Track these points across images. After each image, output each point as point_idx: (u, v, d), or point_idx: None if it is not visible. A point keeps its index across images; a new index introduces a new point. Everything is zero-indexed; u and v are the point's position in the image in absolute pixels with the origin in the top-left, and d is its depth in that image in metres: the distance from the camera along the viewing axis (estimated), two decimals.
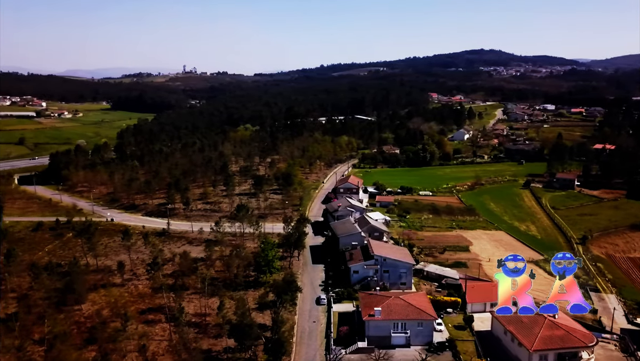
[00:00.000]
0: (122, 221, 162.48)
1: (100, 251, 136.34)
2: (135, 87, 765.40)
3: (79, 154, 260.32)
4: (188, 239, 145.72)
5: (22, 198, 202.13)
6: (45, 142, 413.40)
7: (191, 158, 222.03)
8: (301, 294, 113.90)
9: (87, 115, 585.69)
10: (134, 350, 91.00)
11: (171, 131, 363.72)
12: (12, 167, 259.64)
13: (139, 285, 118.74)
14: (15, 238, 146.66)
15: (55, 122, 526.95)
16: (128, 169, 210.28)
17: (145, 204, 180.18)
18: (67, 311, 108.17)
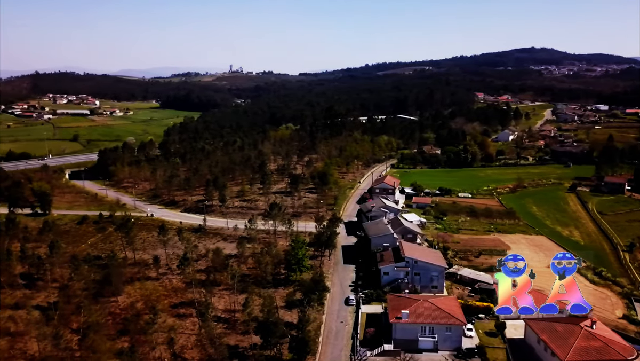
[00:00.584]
0: (161, 217, 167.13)
1: (139, 245, 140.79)
2: (183, 86, 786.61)
3: (125, 151, 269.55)
4: (223, 235, 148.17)
5: (71, 192, 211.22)
6: (97, 139, 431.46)
7: (231, 156, 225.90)
8: (330, 294, 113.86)
9: (137, 113, 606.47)
10: (164, 342, 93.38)
11: (215, 129, 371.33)
12: (64, 163, 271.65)
13: (173, 279, 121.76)
14: (61, 230, 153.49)
15: (107, 120, 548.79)
16: (169, 166, 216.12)
17: (185, 200, 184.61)
18: (104, 302, 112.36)
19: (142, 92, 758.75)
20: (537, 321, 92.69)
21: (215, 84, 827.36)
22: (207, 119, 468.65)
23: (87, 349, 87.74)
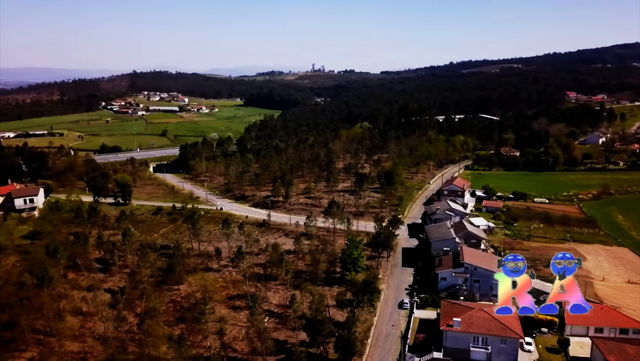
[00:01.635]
0: (230, 210, 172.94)
1: (205, 237, 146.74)
2: (266, 84, 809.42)
3: (204, 146, 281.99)
4: (285, 231, 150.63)
5: (152, 184, 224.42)
6: (184, 134, 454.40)
7: (301, 154, 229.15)
8: (384, 296, 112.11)
9: (222, 110, 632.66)
10: (216, 332, 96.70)
11: (293, 127, 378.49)
12: (149, 156, 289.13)
13: (233, 272, 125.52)
14: (138, 219, 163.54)
15: (194, 117, 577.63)
16: (242, 162, 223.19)
17: (254, 195, 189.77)
18: (168, 290, 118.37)
19: (228, 90, 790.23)
20: (606, 340, 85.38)
21: (297, 82, 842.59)
22: (286, 117, 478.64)
23: (144, 333, 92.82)
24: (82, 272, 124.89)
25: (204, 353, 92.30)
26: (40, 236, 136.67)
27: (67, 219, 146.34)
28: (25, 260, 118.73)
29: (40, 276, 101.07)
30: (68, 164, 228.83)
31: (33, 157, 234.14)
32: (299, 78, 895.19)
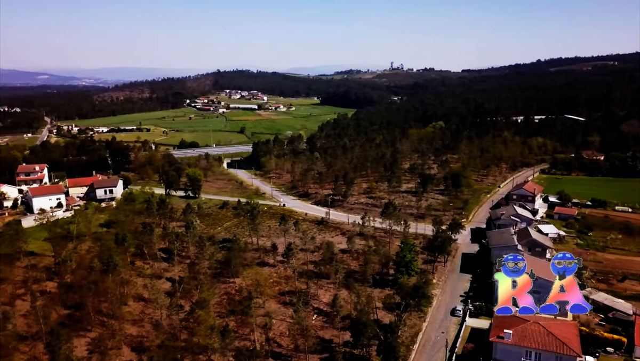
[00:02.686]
0: (292, 207, 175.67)
1: (265, 232, 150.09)
2: (344, 83, 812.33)
3: (275, 144, 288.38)
4: (342, 230, 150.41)
5: (223, 179, 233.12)
6: (260, 132, 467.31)
7: (366, 153, 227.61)
8: (437, 302, 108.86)
9: (298, 109, 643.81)
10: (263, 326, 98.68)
11: (365, 126, 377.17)
12: (224, 152, 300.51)
13: (288, 268, 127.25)
14: (204, 212, 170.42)
15: (271, 115, 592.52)
16: (308, 160, 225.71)
17: (317, 193, 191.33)
18: (223, 282, 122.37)
19: (306, 89, 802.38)
20: None
21: (374, 81, 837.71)
22: (360, 115, 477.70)
23: (193, 322, 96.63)
24: (148, 260, 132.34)
25: (250, 345, 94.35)
26: (114, 225, 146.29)
27: (138, 210, 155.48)
28: (97, 247, 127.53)
29: (106, 262, 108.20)
30: (148, 158, 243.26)
31: (117, 151, 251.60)
32: (376, 77, 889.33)
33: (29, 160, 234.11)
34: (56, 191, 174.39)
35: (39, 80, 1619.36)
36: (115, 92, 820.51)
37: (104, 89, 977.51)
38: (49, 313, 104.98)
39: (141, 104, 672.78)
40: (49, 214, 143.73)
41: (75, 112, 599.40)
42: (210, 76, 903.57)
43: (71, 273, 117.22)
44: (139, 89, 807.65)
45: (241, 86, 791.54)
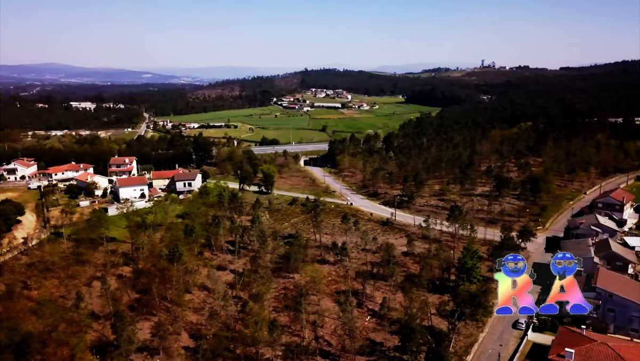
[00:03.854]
0: (359, 206, 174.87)
1: (329, 230, 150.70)
2: (431, 81, 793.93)
3: (351, 142, 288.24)
4: (407, 232, 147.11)
5: (298, 176, 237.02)
6: (342, 130, 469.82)
7: (442, 154, 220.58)
8: None
9: (382, 107, 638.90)
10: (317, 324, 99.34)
11: (448, 125, 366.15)
12: (301, 150, 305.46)
13: (348, 267, 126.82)
14: (274, 208, 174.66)
15: (354, 113, 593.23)
16: (381, 160, 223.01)
17: (386, 193, 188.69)
18: (283, 277, 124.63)
19: (391, 87, 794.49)
20: None
21: (463, 79, 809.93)
22: (444, 114, 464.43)
23: (247, 314, 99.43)
24: (215, 252, 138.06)
25: (299, 342, 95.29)
26: (188, 217, 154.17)
27: (211, 203, 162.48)
28: (168, 236, 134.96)
29: (171, 252, 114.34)
30: (228, 154, 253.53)
31: (200, 146, 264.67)
32: (465, 75, 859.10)
33: (123, 153, 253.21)
34: (140, 183, 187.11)
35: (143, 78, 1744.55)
36: (209, 90, 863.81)
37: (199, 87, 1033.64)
38: (121, 296, 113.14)
39: (231, 102, 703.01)
40: (129, 203, 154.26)
41: (171, 108, 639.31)
42: (298, 74, 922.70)
43: (143, 259, 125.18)
44: (230, 87, 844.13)
45: (327, 85, 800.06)
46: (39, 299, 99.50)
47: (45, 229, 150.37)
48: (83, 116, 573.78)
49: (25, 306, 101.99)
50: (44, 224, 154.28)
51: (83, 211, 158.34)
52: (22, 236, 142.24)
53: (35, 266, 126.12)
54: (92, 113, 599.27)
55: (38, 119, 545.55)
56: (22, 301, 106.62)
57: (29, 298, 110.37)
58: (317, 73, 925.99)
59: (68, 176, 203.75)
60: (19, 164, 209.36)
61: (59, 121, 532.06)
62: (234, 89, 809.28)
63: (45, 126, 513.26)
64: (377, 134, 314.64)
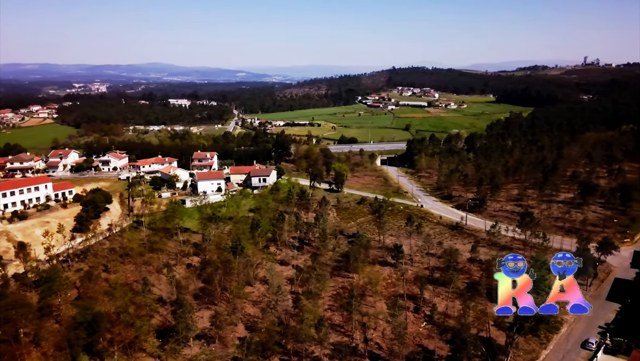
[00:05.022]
0: (429, 209, 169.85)
1: (394, 231, 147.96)
2: (524, 80, 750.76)
3: (431, 142, 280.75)
4: (477, 237, 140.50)
5: (371, 175, 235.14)
6: (426, 129, 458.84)
7: (524, 156, 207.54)
8: (567, 330, 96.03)
9: (470, 107, 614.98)
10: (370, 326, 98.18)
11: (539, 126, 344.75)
12: (379, 149, 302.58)
13: (409, 270, 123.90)
14: (342, 207, 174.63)
15: (440, 112, 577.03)
16: (459, 161, 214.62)
17: (460, 196, 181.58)
18: (343, 276, 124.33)
19: (481, 85, 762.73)
20: None
21: (562, 77, 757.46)
22: (536, 115, 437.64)
23: (299, 310, 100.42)
24: (280, 247, 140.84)
25: (350, 342, 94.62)
26: (258, 211, 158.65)
27: (281, 199, 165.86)
28: (235, 229, 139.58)
29: (234, 245, 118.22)
30: (306, 152, 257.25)
31: (279, 144, 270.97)
32: (565, 73, 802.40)
33: (209, 148, 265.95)
34: (218, 177, 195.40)
35: (237, 77, 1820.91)
36: (296, 88, 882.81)
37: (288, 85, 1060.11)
38: (187, 284, 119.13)
39: (316, 100, 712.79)
40: (202, 196, 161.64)
41: (259, 106, 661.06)
42: (385, 73, 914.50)
43: (209, 251, 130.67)
44: (317, 85, 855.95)
45: (414, 83, 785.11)
46: (111, 283, 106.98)
47: (128, 217, 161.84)
48: (179, 112, 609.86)
49: (101, 288, 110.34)
50: (128, 212, 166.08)
51: (161, 202, 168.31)
52: (107, 223, 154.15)
53: (116, 251, 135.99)
54: (187, 110, 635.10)
55: (139, 114, 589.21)
56: (100, 283, 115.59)
57: (107, 280, 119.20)
58: (404, 71, 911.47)
59: (154, 169, 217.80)
60: (112, 156, 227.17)
61: (157, 117, 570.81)
62: (321, 88, 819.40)
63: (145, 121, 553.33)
64: (458, 134, 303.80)
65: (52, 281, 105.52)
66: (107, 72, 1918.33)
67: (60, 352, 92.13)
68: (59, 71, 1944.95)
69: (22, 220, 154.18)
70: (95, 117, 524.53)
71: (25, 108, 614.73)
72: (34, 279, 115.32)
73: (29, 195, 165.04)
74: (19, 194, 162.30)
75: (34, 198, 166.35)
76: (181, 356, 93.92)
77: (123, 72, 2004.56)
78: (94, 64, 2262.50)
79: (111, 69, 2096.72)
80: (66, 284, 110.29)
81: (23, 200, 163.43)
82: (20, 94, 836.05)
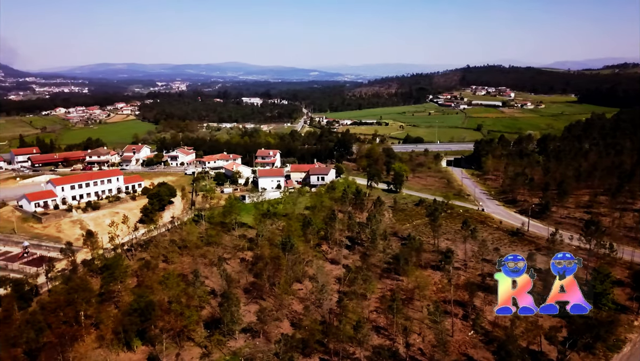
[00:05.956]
0: (491, 213, 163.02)
1: (450, 235, 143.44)
2: (611, 78, 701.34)
3: (500, 143, 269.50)
4: (538, 245, 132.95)
5: (434, 177, 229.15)
6: (499, 130, 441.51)
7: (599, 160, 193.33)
8: (630, 349, 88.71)
9: (549, 107, 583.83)
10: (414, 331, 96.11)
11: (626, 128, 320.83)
12: (445, 149, 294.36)
13: (462, 276, 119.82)
14: (399, 208, 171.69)
15: (515, 112, 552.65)
16: (526, 163, 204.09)
17: (526, 201, 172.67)
18: (392, 278, 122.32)
19: (562, 85, 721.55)
20: None
21: None
22: (621, 116, 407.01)
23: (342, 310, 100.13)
24: (332, 245, 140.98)
25: (391, 346, 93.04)
26: (313, 209, 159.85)
27: (336, 198, 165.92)
28: (288, 226, 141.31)
29: (283, 241, 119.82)
30: (367, 151, 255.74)
31: (341, 142, 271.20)
32: None
33: (275, 146, 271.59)
34: (278, 174, 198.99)
35: (310, 76, 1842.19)
36: (367, 87, 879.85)
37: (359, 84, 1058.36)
38: (239, 278, 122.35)
39: (385, 99, 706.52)
40: (259, 193, 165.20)
41: (328, 105, 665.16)
42: (459, 71, 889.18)
43: (261, 246, 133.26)
44: (388, 84, 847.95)
45: (489, 82, 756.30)
46: (164, 273, 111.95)
47: (190, 211, 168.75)
48: (250, 111, 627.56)
49: (158, 277, 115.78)
50: (190, 206, 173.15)
51: (221, 196, 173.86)
52: (170, 216, 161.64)
53: (175, 243, 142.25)
54: (259, 108, 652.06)
55: (214, 112, 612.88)
56: (158, 272, 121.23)
57: (165, 270, 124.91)
58: (479, 70, 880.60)
59: (219, 165, 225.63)
60: (180, 152, 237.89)
61: (230, 115, 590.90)
62: (391, 86, 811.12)
63: (218, 118, 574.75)
64: (530, 135, 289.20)
65: (113, 268, 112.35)
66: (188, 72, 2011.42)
67: (116, 336, 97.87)
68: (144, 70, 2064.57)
69: (95, 210, 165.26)
70: (172, 114, 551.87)
71: (111, 105, 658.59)
72: (99, 266, 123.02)
73: (102, 187, 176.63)
74: (93, 185, 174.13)
75: (106, 189, 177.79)
76: (226, 348, 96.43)
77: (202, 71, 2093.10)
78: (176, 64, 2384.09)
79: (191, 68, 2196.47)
80: (126, 272, 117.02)
81: (97, 191, 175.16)
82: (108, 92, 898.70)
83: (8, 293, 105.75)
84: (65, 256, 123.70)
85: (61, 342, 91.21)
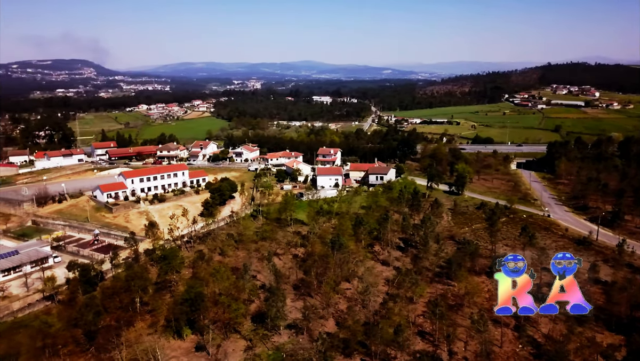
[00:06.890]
0: (557, 219, 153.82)
1: (510, 241, 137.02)
2: None
3: (577, 145, 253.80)
4: (605, 255, 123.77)
5: (501, 179, 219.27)
6: (579, 131, 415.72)
7: None
8: None
9: (638, 107, 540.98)
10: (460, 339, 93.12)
11: None
12: (515, 151, 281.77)
13: None
14: (459, 210, 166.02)
15: (599, 113, 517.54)
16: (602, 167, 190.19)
17: (598, 208, 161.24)
18: (444, 283, 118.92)
19: None
20: None
21: None
22: None
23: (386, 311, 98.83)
24: (384, 246, 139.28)
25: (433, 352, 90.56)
26: (369, 209, 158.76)
27: (392, 198, 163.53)
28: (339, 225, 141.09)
29: (333, 240, 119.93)
30: (432, 151, 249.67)
31: (405, 142, 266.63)
32: None
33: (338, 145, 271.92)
34: (336, 173, 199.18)
35: (383, 74, 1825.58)
36: (439, 85, 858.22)
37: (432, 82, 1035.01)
38: (290, 274, 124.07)
39: (458, 98, 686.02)
40: (316, 191, 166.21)
41: (398, 103, 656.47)
42: (538, 69, 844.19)
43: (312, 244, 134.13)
44: (461, 82, 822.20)
45: (571, 81, 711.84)
46: (215, 266, 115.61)
47: (249, 206, 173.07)
48: (319, 109, 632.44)
49: (211, 270, 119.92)
50: (250, 202, 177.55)
51: (279, 193, 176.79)
52: (230, 210, 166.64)
53: (232, 237, 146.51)
54: (328, 106, 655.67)
55: (284, 110, 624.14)
56: (213, 265, 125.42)
57: (220, 263, 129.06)
58: (560, 68, 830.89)
59: (281, 162, 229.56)
60: (245, 149, 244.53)
61: (299, 113, 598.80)
62: (465, 85, 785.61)
63: (288, 116, 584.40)
64: (611, 138, 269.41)
65: (170, 258, 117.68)
66: (263, 70, 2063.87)
67: (168, 323, 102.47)
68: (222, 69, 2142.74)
69: (161, 202, 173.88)
70: (245, 111, 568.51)
71: (188, 102, 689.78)
72: (159, 255, 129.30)
73: (168, 180, 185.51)
74: (160, 179, 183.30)
75: (172, 183, 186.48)
76: (270, 343, 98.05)
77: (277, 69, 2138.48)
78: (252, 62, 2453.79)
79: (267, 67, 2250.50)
80: (183, 263, 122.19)
81: (163, 185, 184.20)
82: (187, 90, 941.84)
83: (75, 277, 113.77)
84: (128, 245, 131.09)
85: (117, 326, 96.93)
